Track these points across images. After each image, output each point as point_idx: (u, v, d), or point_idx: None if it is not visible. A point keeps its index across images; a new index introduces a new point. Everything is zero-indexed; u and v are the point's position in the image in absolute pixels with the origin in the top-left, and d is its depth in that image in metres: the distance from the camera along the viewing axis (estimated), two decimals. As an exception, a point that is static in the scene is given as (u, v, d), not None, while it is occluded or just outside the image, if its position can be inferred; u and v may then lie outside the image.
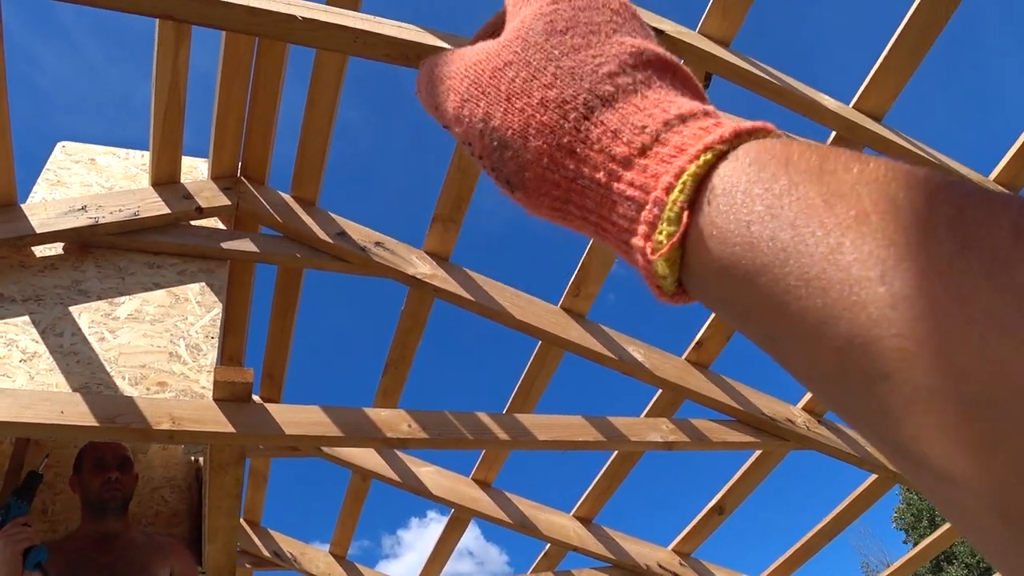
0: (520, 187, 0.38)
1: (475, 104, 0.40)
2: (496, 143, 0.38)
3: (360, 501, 3.81)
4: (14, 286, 2.46)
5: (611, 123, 0.35)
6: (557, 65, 0.38)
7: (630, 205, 0.33)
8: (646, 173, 0.33)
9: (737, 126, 0.33)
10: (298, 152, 2.78)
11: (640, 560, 3.76)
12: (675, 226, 0.31)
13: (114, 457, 2.59)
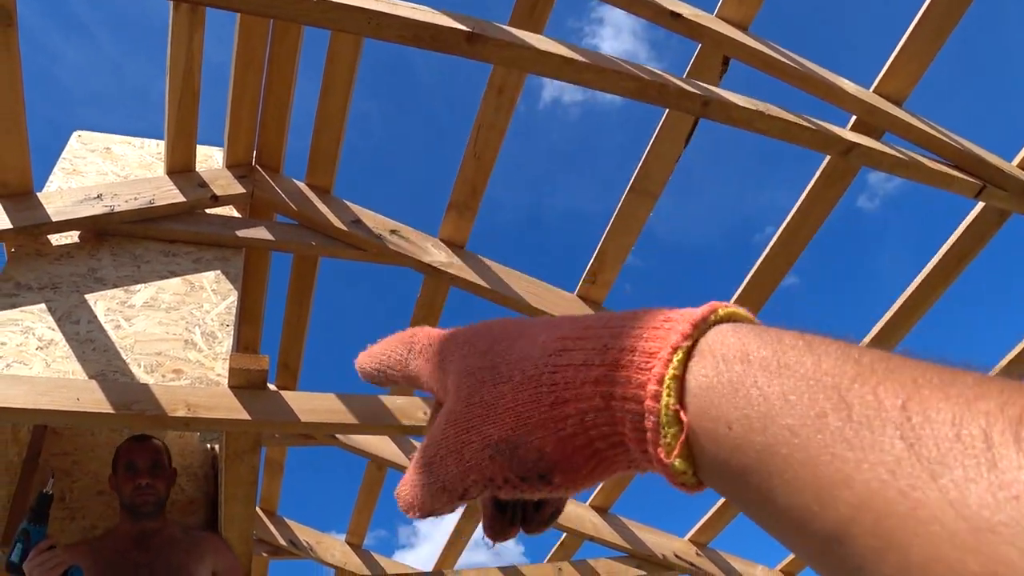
0: (551, 467, 0.38)
1: (470, 444, 0.41)
2: (507, 450, 0.39)
3: (376, 490, 3.81)
4: (31, 274, 2.47)
5: (576, 360, 0.37)
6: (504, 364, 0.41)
7: (633, 419, 0.34)
8: (631, 384, 0.34)
9: (691, 316, 0.35)
10: (313, 140, 2.77)
11: (656, 550, 3.75)
12: (676, 427, 0.33)
13: (145, 461, 2.54)
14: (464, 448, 0.41)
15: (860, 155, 2.30)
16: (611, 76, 2.09)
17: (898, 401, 0.26)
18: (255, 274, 3.08)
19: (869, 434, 0.26)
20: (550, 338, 0.40)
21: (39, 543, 2.28)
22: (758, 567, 3.99)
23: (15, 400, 2.06)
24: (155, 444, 2.62)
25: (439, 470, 0.43)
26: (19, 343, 2.26)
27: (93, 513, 2.86)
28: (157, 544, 2.52)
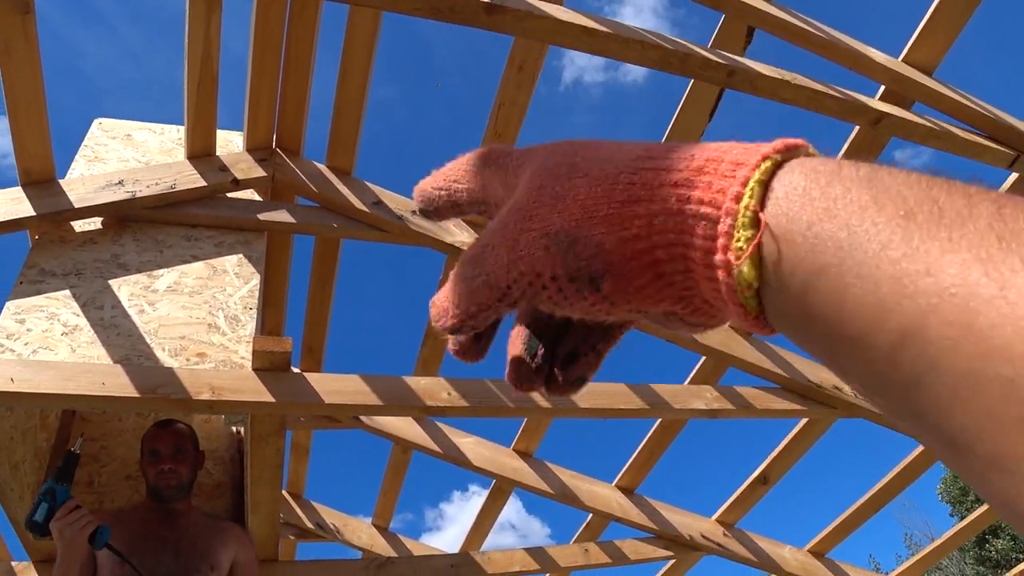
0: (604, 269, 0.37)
1: (529, 231, 0.40)
2: (565, 242, 0.38)
3: (401, 473, 3.81)
4: (54, 261, 2.47)
5: (660, 165, 0.36)
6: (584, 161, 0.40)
7: (706, 223, 0.34)
8: (711, 189, 0.34)
9: (785, 141, 0.35)
10: (332, 121, 2.75)
11: (683, 530, 3.73)
12: (752, 229, 0.32)
13: (167, 447, 2.55)
14: (521, 236, 0.40)
15: (890, 125, 2.25)
16: (634, 46, 2.06)
17: (992, 206, 0.26)
18: (277, 258, 3.08)
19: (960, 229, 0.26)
20: (639, 147, 0.39)
21: (66, 502, 2.29)
22: (786, 547, 3.96)
23: (42, 385, 2.07)
24: (178, 429, 2.62)
25: (488, 260, 0.41)
26: (44, 329, 2.27)
27: (121, 498, 2.88)
28: (183, 525, 2.54)
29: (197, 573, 2.47)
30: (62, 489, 2.35)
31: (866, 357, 0.28)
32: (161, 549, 2.46)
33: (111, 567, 2.36)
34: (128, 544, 2.41)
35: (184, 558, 2.48)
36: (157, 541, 2.48)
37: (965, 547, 30.02)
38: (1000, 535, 28.38)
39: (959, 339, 0.24)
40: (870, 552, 41.97)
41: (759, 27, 2.33)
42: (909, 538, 34.77)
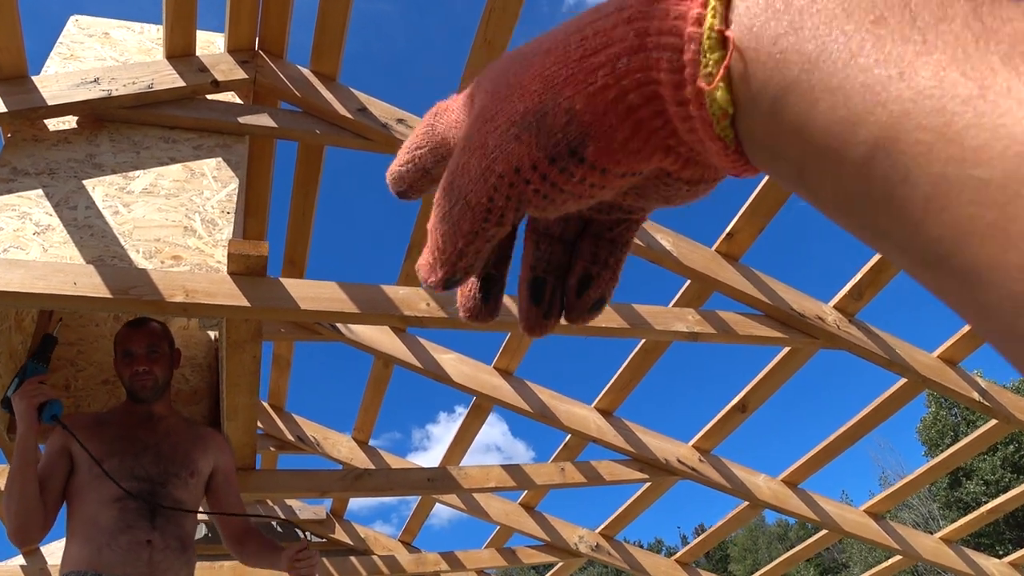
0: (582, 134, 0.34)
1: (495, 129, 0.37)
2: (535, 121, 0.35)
3: (382, 388, 3.82)
4: (28, 159, 2.41)
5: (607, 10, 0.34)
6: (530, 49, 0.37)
7: (670, 56, 0.31)
8: (670, 16, 0.31)
9: None
10: (317, 22, 2.65)
11: (660, 454, 3.76)
12: (719, 52, 0.30)
13: (141, 347, 2.51)
14: (488, 138, 0.37)
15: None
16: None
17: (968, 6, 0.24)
18: (259, 167, 3.01)
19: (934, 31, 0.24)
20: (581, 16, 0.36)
21: (34, 376, 2.31)
22: (760, 476, 4.00)
23: (11, 284, 2.03)
24: (151, 328, 2.58)
25: (460, 181, 0.38)
26: (16, 228, 2.22)
27: (98, 402, 2.87)
28: (163, 429, 2.53)
29: (176, 478, 2.47)
30: (34, 365, 2.35)
31: (837, 173, 0.27)
32: (142, 451, 2.45)
33: (88, 465, 2.36)
34: (107, 446, 2.40)
35: (164, 462, 2.47)
36: (137, 443, 2.47)
37: (936, 491, 30.69)
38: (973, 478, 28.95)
39: (933, 143, 0.23)
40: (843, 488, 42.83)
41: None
42: (885, 478, 35.46)
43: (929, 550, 4.20)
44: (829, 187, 0.28)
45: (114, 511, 2.31)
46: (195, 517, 2.52)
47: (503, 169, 0.37)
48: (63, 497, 2.38)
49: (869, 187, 0.26)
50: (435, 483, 3.56)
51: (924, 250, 0.25)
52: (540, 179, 0.36)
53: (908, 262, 0.26)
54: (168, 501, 2.41)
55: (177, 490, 2.46)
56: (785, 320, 2.98)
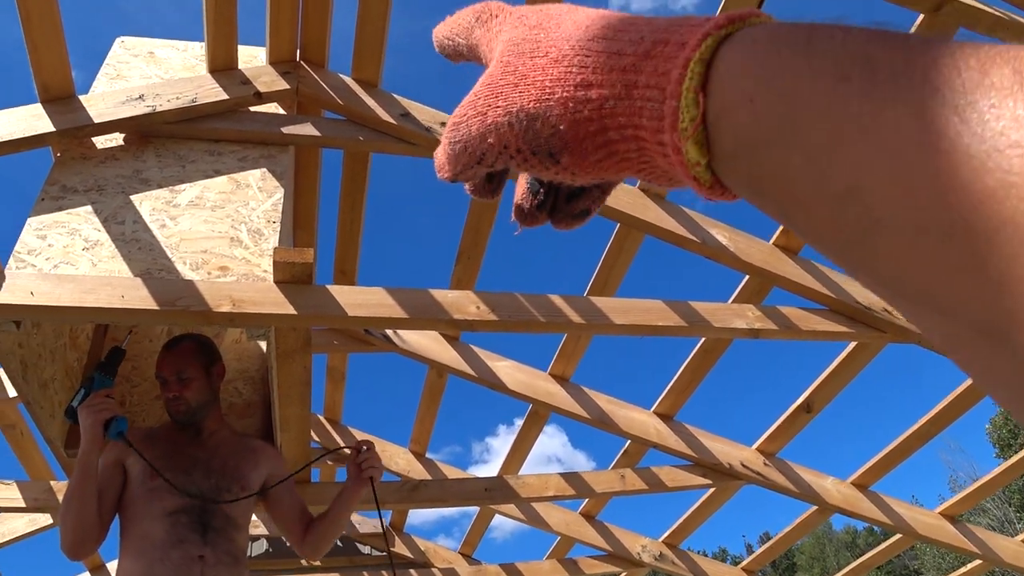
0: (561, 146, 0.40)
1: (495, 108, 0.43)
2: (525, 121, 0.41)
3: (437, 397, 3.77)
4: (76, 177, 2.42)
5: (610, 48, 0.37)
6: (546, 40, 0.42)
7: (652, 107, 0.35)
8: (656, 72, 0.35)
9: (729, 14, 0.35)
10: (357, 32, 2.63)
11: (723, 459, 3.65)
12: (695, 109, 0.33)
13: (170, 372, 2.47)
14: (489, 111, 0.43)
15: (954, 13, 2.07)
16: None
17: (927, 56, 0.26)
18: (305, 178, 3.00)
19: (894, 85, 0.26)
20: (595, 25, 0.40)
21: (100, 390, 2.31)
22: (828, 478, 3.86)
23: (61, 299, 2.03)
24: (181, 351, 2.52)
25: (464, 129, 0.45)
26: (65, 244, 2.22)
27: (152, 417, 2.87)
28: (213, 444, 2.51)
29: (227, 493, 2.45)
30: (101, 378, 2.36)
31: (815, 218, 0.29)
32: (192, 467, 2.44)
33: (142, 479, 2.35)
34: (158, 461, 2.39)
35: (215, 477, 2.45)
36: (188, 459, 2.45)
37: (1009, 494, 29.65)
38: (1050, 478, 27.89)
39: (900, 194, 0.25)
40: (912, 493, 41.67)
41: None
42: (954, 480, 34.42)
43: (1010, 553, 4.00)
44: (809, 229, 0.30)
45: (166, 525, 2.29)
46: (247, 532, 2.49)
47: (494, 141, 0.43)
48: (116, 510, 2.38)
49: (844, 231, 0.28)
50: (492, 493, 3.50)
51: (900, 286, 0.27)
52: (523, 160, 0.43)
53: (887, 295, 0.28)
54: (218, 516, 2.39)
55: (228, 506, 2.43)
56: (850, 314, 2.86)
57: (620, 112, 0.36)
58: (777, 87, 0.30)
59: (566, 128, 0.39)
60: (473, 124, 0.44)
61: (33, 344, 2.41)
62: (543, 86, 0.40)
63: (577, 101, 0.38)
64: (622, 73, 0.36)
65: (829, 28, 0.30)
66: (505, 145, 0.43)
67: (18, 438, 3.66)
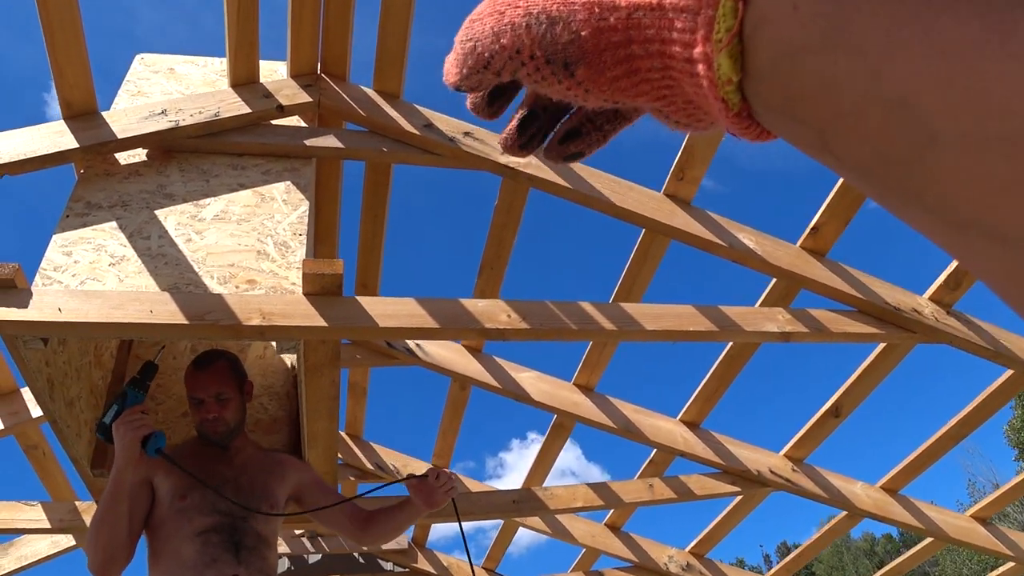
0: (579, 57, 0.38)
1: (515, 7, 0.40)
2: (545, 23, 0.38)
3: (460, 410, 3.74)
4: (100, 193, 2.42)
5: None
6: None
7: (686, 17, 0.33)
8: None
9: None
10: (378, 43, 2.63)
11: (751, 465, 3.61)
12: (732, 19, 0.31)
13: (208, 393, 2.43)
14: (508, 9, 0.41)
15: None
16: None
17: None
18: (326, 192, 2.99)
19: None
20: None
21: (134, 406, 2.27)
22: (858, 484, 3.81)
23: (89, 315, 2.02)
24: (217, 369, 2.48)
25: (477, 27, 0.43)
26: (92, 260, 2.21)
27: (178, 435, 2.86)
28: (240, 462, 2.47)
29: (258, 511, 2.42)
30: (134, 393, 2.32)
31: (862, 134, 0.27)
32: (221, 485, 2.40)
33: (171, 499, 2.33)
34: (186, 480, 2.36)
35: (244, 495, 2.42)
36: (216, 477, 2.42)
37: (1032, 493, 29.30)
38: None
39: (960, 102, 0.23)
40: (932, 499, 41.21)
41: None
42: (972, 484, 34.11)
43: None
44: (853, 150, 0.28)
45: (197, 545, 2.26)
46: (276, 550, 2.46)
47: (508, 42, 0.40)
48: (142, 530, 2.34)
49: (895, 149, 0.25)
50: (521, 505, 3.47)
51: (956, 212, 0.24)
52: (534, 69, 0.40)
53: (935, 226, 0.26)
54: (250, 535, 2.35)
55: (258, 524, 2.40)
56: (879, 315, 2.82)
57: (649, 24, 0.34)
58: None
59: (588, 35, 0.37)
60: (488, 22, 0.42)
61: (59, 362, 2.40)
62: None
63: (604, 7, 0.36)
64: None
65: None
66: (519, 49, 0.40)
67: (41, 459, 3.64)
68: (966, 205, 0.24)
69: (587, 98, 0.40)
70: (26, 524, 3.36)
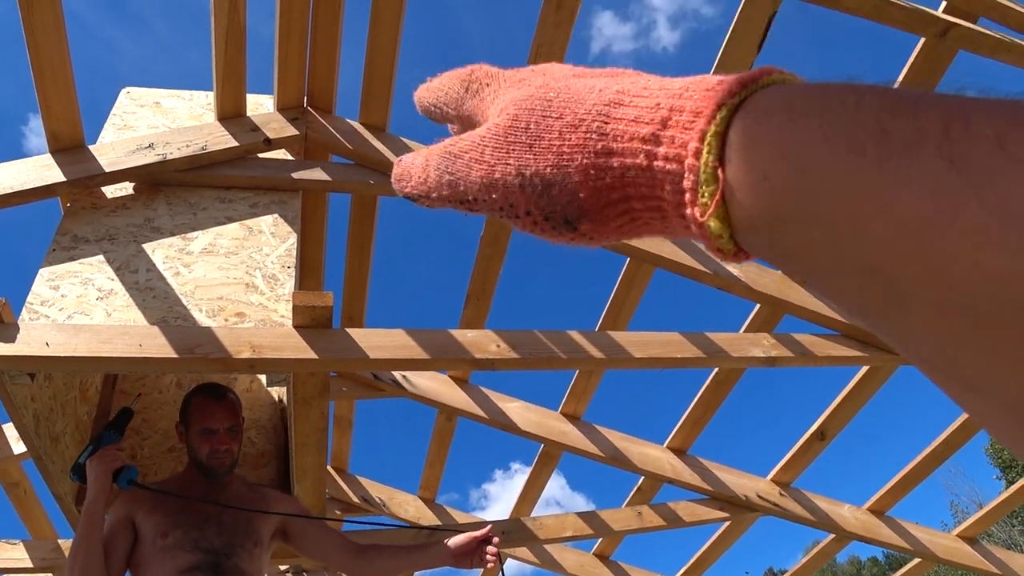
0: (580, 214, 0.39)
1: (505, 164, 0.41)
2: (540, 186, 0.39)
3: (447, 442, 3.74)
4: (88, 227, 2.41)
5: (629, 115, 0.37)
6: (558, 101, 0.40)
7: (673, 179, 0.34)
8: (675, 144, 0.34)
9: (742, 78, 0.34)
10: (364, 76, 2.65)
11: (738, 491, 3.62)
12: (713, 184, 0.33)
13: (223, 424, 2.43)
14: (497, 166, 0.41)
15: (958, 37, 2.11)
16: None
17: (939, 125, 0.25)
18: (312, 224, 3.00)
19: (908, 159, 0.25)
20: (608, 88, 0.39)
21: (109, 445, 2.29)
22: (844, 506, 3.83)
23: (78, 349, 2.01)
24: (231, 403, 2.49)
25: (462, 169, 0.43)
26: (79, 294, 2.21)
27: (164, 470, 2.83)
28: (225, 499, 2.45)
29: (241, 548, 2.39)
30: (109, 435, 2.34)
31: (840, 291, 0.29)
32: (205, 522, 2.38)
33: (153, 537, 2.30)
34: (171, 517, 2.34)
35: (228, 532, 2.39)
36: (200, 514, 2.39)
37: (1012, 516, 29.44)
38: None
39: (921, 274, 0.24)
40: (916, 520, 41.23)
41: None
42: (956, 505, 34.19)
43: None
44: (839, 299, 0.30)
45: None
46: None
47: (499, 198, 0.41)
48: (126, 568, 2.32)
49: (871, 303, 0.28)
50: (510, 536, 3.45)
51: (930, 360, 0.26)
52: (531, 223, 0.41)
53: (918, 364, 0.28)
54: (234, 572, 2.33)
55: (243, 561, 2.37)
56: (863, 338, 2.86)
57: (643, 182, 0.36)
58: (792, 162, 0.29)
59: (586, 195, 0.38)
60: (475, 169, 0.42)
61: (45, 397, 2.38)
62: (560, 151, 0.39)
63: (599, 168, 0.37)
64: (642, 143, 0.36)
65: (842, 93, 0.29)
66: (511, 204, 0.41)
67: (21, 496, 3.60)
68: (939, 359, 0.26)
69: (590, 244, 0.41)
70: (8, 563, 3.31)
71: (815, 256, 0.29)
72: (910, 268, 0.25)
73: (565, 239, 0.41)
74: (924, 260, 0.24)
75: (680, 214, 0.35)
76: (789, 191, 0.29)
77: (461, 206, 0.44)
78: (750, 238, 0.33)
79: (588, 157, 0.37)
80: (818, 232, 0.28)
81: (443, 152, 0.45)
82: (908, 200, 0.25)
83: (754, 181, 0.31)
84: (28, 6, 2.13)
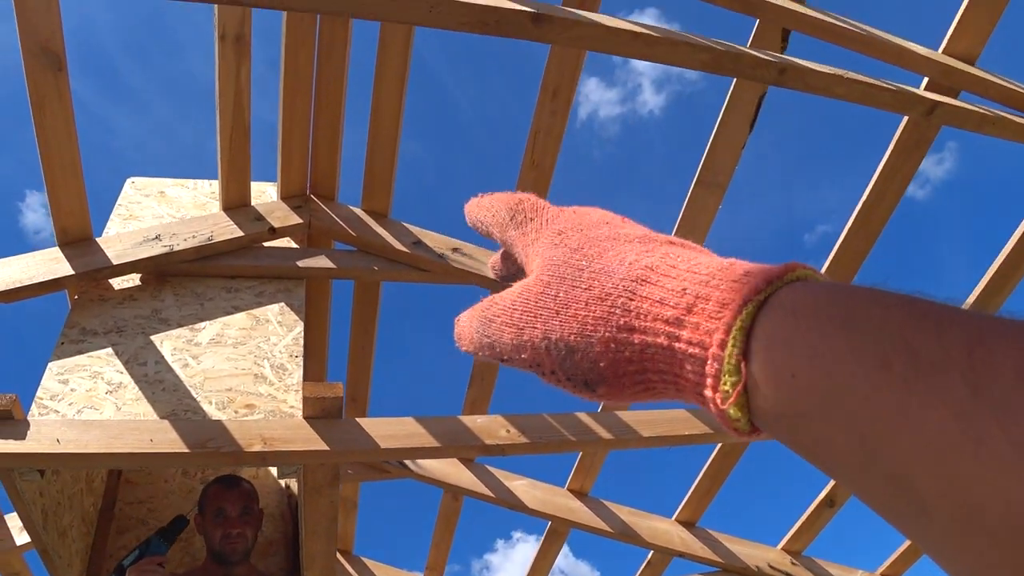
0: (600, 380, 0.41)
1: (532, 328, 0.44)
2: (564, 351, 0.42)
3: (453, 521, 3.70)
4: (95, 319, 2.44)
5: (654, 295, 0.38)
6: (588, 271, 0.42)
7: (694, 362, 0.36)
8: (699, 330, 0.36)
9: (768, 273, 0.36)
10: (366, 163, 2.71)
11: (749, 562, 3.58)
12: (736, 376, 0.34)
13: (235, 508, 2.46)
14: (525, 329, 0.44)
15: (943, 114, 2.17)
16: (684, 49, 2.00)
17: (963, 349, 0.26)
18: (316, 309, 3.02)
19: (934, 379, 0.26)
20: (638, 263, 0.41)
21: (155, 555, 2.27)
22: (857, 572, 3.80)
23: (89, 445, 2.01)
24: (245, 488, 2.52)
25: (496, 332, 0.47)
26: (88, 388, 2.22)
27: (173, 561, 2.80)
28: None
29: None
30: (158, 542, 2.33)
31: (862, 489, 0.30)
32: None
33: None
34: None
35: None
36: None
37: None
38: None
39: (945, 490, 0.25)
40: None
41: (795, 29, 2.27)
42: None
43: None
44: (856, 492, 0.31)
45: None
46: None
47: (528, 358, 0.45)
48: None
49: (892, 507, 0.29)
50: (520, 617, 3.40)
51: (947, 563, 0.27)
52: (555, 381, 0.44)
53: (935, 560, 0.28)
54: None
55: None
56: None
57: (662, 360, 0.37)
58: (819, 366, 0.30)
59: (606, 365, 0.40)
60: (506, 333, 0.46)
61: (53, 491, 2.37)
62: (585, 321, 0.41)
63: (620, 342, 0.39)
64: (665, 324, 0.37)
65: (867, 303, 0.31)
66: (539, 363, 0.44)
67: (23, 589, 3.54)
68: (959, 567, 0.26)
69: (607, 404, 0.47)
70: (9, 660, 3.24)
71: (838, 455, 0.30)
72: (934, 483, 0.26)
73: (585, 396, 0.43)
74: (948, 478, 0.25)
75: (698, 392, 0.36)
76: (815, 392, 0.30)
77: (502, 362, 0.48)
78: (770, 425, 0.34)
79: (610, 331, 0.39)
80: (843, 436, 0.29)
81: (481, 316, 0.49)
82: (935, 420, 0.26)
83: (780, 377, 0.32)
84: (40, 108, 2.18)
